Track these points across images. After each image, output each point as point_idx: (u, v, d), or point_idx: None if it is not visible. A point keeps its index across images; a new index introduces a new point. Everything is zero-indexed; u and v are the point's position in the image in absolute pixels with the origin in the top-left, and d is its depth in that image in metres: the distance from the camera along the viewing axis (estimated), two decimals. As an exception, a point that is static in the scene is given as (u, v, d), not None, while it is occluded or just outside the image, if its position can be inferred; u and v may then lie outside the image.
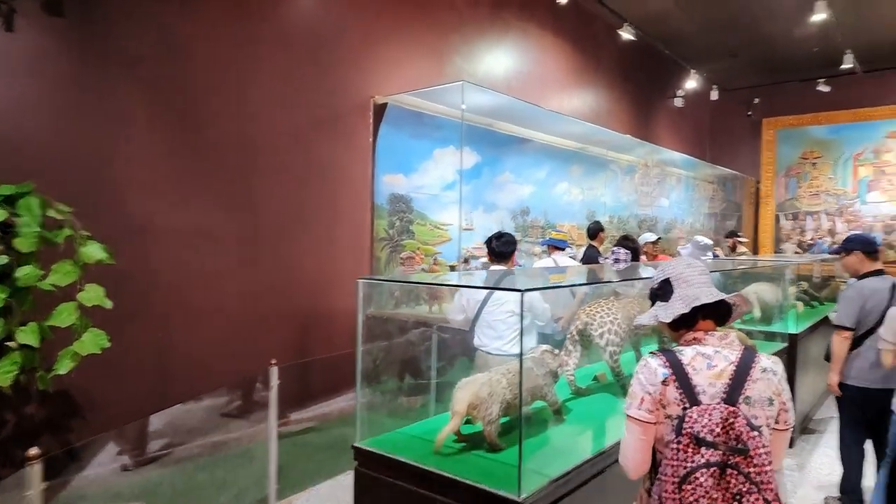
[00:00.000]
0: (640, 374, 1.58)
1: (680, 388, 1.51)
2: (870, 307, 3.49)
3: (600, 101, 7.98)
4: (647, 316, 1.74)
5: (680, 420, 1.47)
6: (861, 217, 10.28)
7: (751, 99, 10.88)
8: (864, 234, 3.75)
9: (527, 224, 6.40)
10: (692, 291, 1.63)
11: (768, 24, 8.11)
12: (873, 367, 3.40)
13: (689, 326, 1.63)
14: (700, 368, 1.53)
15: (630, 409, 1.57)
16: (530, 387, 2.27)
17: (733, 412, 1.45)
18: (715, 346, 1.58)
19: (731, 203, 10.98)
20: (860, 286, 3.60)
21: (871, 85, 9.96)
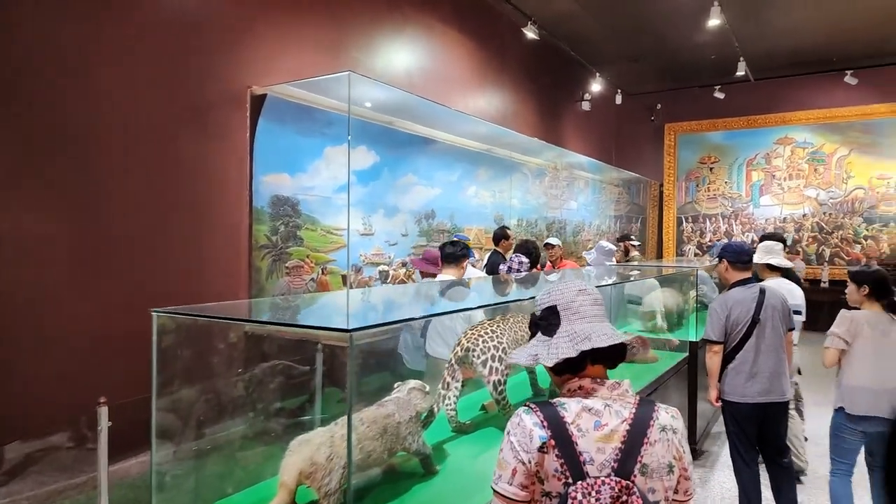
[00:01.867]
0: (511, 437, 1.23)
1: (561, 458, 1.18)
2: (734, 318, 3.35)
3: (507, 103, 7.80)
4: (524, 355, 1.35)
5: (562, 500, 1.16)
6: (754, 219, 10.81)
7: (654, 104, 11.18)
8: (735, 244, 3.57)
9: (432, 228, 6.08)
10: (582, 328, 1.30)
11: (669, 31, 8.25)
12: (749, 381, 3.30)
13: (575, 371, 1.30)
14: (587, 429, 1.21)
15: (499, 484, 1.21)
16: (389, 437, 1.91)
17: (627, 488, 1.16)
18: (605, 397, 1.26)
19: (635, 206, 11.23)
20: (724, 298, 3.46)
21: (763, 93, 10.47)
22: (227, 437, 2.56)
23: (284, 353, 3.35)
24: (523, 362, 1.36)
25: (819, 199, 10.33)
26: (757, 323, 3.32)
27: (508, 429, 1.25)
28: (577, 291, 1.36)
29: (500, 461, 1.23)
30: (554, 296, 1.37)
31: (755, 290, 3.40)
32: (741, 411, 3.35)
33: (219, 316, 1.95)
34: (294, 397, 3.09)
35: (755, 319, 3.32)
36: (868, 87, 9.67)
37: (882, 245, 9.87)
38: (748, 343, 3.32)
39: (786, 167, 10.56)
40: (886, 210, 9.85)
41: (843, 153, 10.15)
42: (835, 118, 10.11)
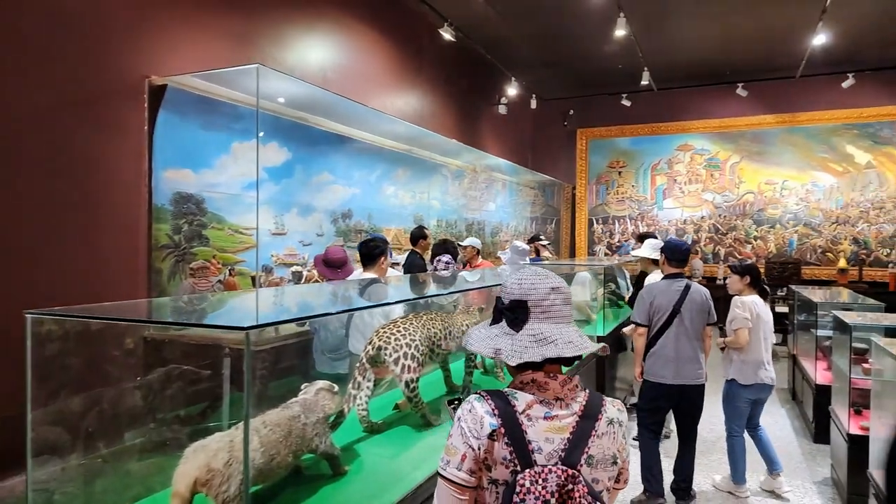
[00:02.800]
0: (462, 423, 1.22)
1: (510, 446, 1.18)
2: (657, 306, 3.75)
3: (425, 104, 7.81)
4: (484, 345, 1.31)
5: (509, 489, 1.16)
6: (658, 221, 11.44)
7: (567, 110, 11.59)
8: (674, 242, 4.03)
9: (349, 228, 5.96)
10: (549, 329, 1.28)
11: (580, 40, 8.58)
12: (666, 365, 3.70)
13: (532, 366, 1.28)
14: (536, 418, 1.22)
15: (447, 469, 1.20)
16: (294, 440, 1.83)
17: (573, 476, 1.17)
18: (557, 392, 1.26)
19: (550, 208, 11.58)
20: (651, 287, 3.92)
21: (665, 102, 11.13)
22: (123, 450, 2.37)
23: (188, 357, 3.15)
24: (485, 353, 1.31)
25: (715, 203, 11.09)
26: (677, 314, 3.71)
27: (459, 415, 1.24)
28: (550, 288, 1.32)
29: (449, 447, 1.22)
30: (525, 289, 1.31)
31: (680, 285, 3.78)
32: (658, 391, 3.75)
33: (98, 316, 1.79)
34: (196, 404, 2.91)
35: (676, 310, 3.71)
36: (757, 100, 10.51)
37: (769, 244, 10.73)
38: (668, 331, 3.72)
39: (686, 172, 11.26)
40: (773, 213, 10.72)
41: (735, 160, 10.96)
42: (728, 127, 10.90)
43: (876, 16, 7.66)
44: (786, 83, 10.32)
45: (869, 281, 9.76)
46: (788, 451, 4.71)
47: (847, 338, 3.86)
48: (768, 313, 3.93)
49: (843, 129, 10.22)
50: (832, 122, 10.25)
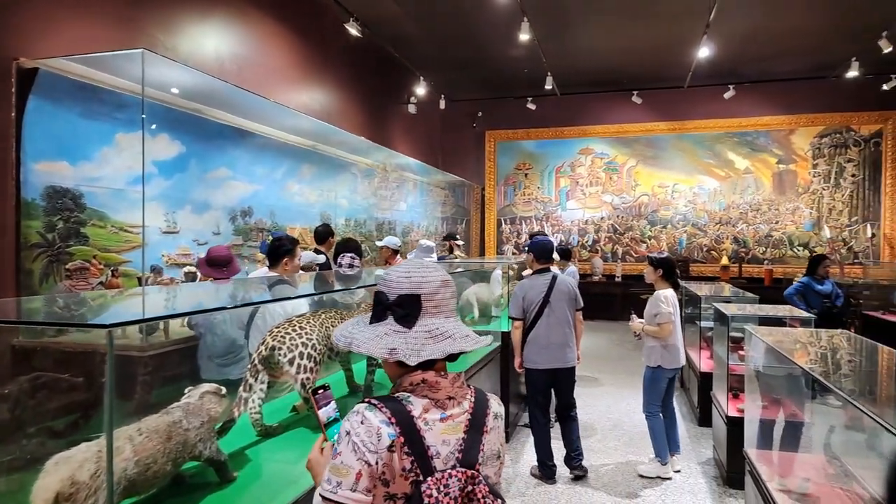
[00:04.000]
0: (354, 437, 1.10)
1: (411, 455, 1.10)
2: (529, 299, 4.08)
3: (332, 100, 7.65)
4: (374, 344, 1.19)
5: (410, 500, 1.09)
6: (562, 221, 11.91)
7: (475, 111, 11.79)
8: (539, 240, 4.33)
9: (249, 226, 5.71)
10: (442, 324, 1.21)
11: (487, 43, 8.75)
12: (541, 351, 4.04)
13: (420, 365, 1.19)
14: (433, 422, 1.15)
15: (339, 491, 1.07)
16: (174, 446, 1.71)
17: (472, 477, 1.13)
18: (448, 391, 1.19)
19: (460, 208, 11.73)
20: (523, 283, 4.18)
21: (568, 107, 11.59)
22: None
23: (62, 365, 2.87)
24: (378, 354, 1.19)
25: (613, 204, 11.70)
26: (547, 304, 4.05)
27: (347, 429, 1.12)
28: (441, 282, 1.25)
29: (338, 467, 1.09)
30: (415, 282, 1.22)
31: (548, 278, 4.12)
32: (538, 376, 4.09)
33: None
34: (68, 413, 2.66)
35: (546, 301, 4.05)
36: (651, 107, 11.20)
37: (662, 243, 11.46)
38: (540, 320, 4.05)
39: (587, 175, 11.80)
40: (665, 214, 11.47)
41: (631, 164, 11.61)
42: (625, 133, 11.53)
43: (753, 33, 8.39)
44: (675, 92, 11.06)
45: (748, 277, 10.66)
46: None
47: (726, 328, 4.19)
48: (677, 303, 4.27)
49: (726, 137, 11.12)
50: (716, 130, 11.12)
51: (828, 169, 10.72)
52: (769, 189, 11.01)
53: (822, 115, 10.63)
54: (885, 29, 7.41)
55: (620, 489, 4.02)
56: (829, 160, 10.70)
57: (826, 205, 10.75)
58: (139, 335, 3.13)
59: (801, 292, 5.93)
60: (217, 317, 2.87)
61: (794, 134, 10.82)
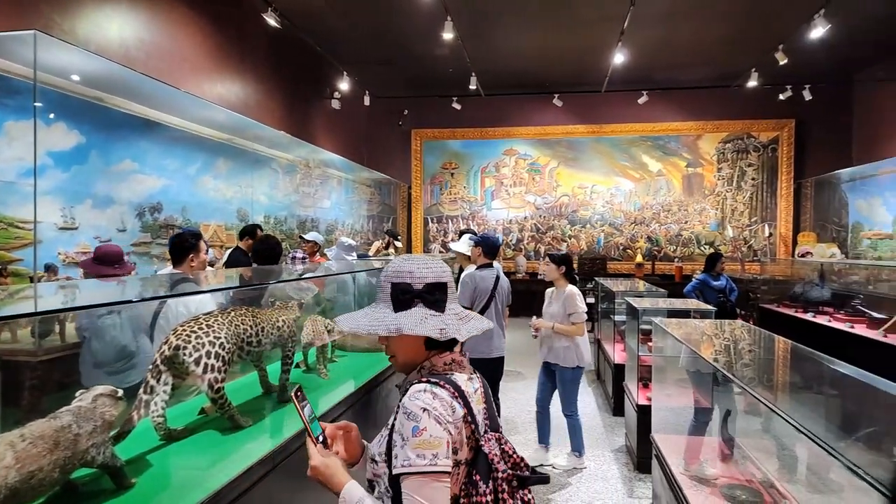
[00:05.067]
0: (434, 412, 1.19)
1: (471, 423, 1.24)
2: (479, 290, 4.19)
3: (250, 92, 7.40)
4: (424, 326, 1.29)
5: (483, 462, 1.21)
6: (487, 221, 12.09)
7: (401, 109, 11.75)
8: (490, 237, 4.45)
9: (158, 223, 5.41)
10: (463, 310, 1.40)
11: (412, 40, 8.74)
12: (488, 341, 4.14)
13: (447, 347, 1.35)
14: (471, 395, 1.29)
15: (439, 462, 1.16)
16: (62, 453, 1.58)
17: (500, 438, 1.28)
18: (469, 367, 1.37)
19: (387, 206, 11.66)
20: (472, 274, 4.26)
21: (493, 108, 11.78)
22: None
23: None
24: (431, 334, 1.28)
25: (536, 204, 12.01)
26: (494, 297, 4.18)
27: (423, 406, 1.20)
28: (450, 272, 1.38)
29: (429, 441, 1.17)
30: (437, 272, 1.36)
31: (494, 272, 4.26)
32: (483, 366, 4.09)
33: None
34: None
35: (493, 294, 4.18)
36: (571, 110, 11.58)
37: (581, 242, 11.88)
38: (488, 311, 4.16)
39: (511, 175, 12.04)
40: (584, 214, 11.90)
41: (553, 165, 11.96)
42: (547, 135, 11.87)
43: (664, 43, 8.85)
44: (594, 97, 11.50)
45: (660, 274, 11.25)
46: (592, 425, 5.23)
47: (636, 321, 4.39)
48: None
49: (640, 141, 11.67)
50: (631, 134, 11.65)
51: (731, 172, 11.47)
52: (679, 191, 11.66)
53: (725, 121, 11.37)
54: (781, 42, 8.02)
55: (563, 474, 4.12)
56: (732, 164, 11.47)
57: (729, 206, 11.51)
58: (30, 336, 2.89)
59: (698, 288, 6.31)
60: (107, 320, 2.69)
61: (702, 139, 11.51)
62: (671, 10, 7.64)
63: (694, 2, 7.42)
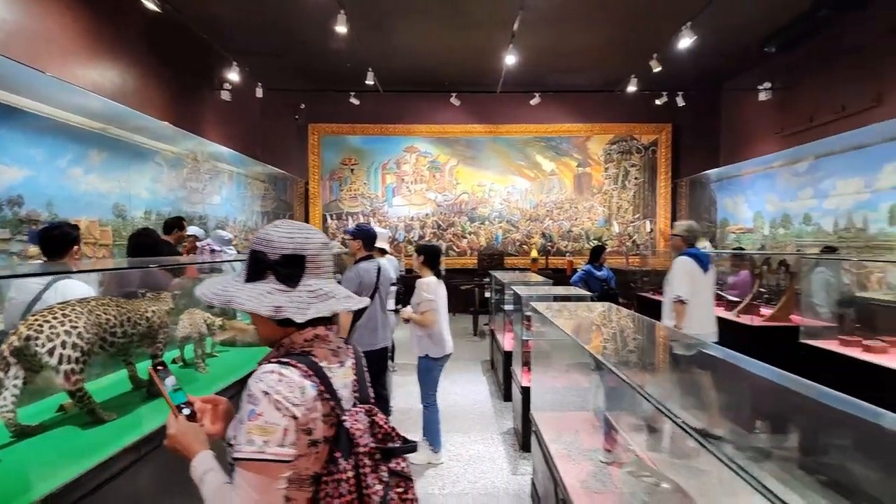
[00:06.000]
0: (275, 395, 1.13)
1: (330, 400, 1.20)
2: (365, 283, 4.17)
3: (128, 79, 6.95)
4: (259, 302, 1.21)
5: (345, 438, 1.19)
6: (388, 217, 12.12)
7: (297, 103, 11.49)
8: (368, 230, 4.30)
9: (19, 218, 4.96)
10: (325, 285, 1.29)
11: (306, 32, 8.59)
12: (374, 332, 4.17)
13: (309, 322, 1.28)
14: (334, 370, 1.26)
15: (268, 449, 1.10)
16: None
17: (370, 409, 1.28)
18: (336, 341, 1.33)
19: (282, 202, 11.35)
20: (357, 268, 4.24)
21: (392, 104, 11.81)
22: None
23: None
24: (263, 312, 1.21)
25: (437, 201, 12.20)
26: (378, 288, 4.18)
27: (265, 389, 1.14)
28: (322, 244, 1.31)
29: (262, 426, 1.11)
30: (299, 242, 1.27)
31: (375, 264, 4.25)
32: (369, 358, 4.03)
33: None
34: None
35: (377, 285, 4.18)
36: (469, 110, 11.86)
37: (481, 239, 12.21)
38: (374, 303, 4.15)
39: (412, 172, 12.15)
40: (483, 211, 12.24)
41: (453, 163, 12.21)
42: (447, 133, 12.09)
43: (554, 47, 9.31)
44: (490, 97, 11.84)
45: (553, 268, 11.80)
46: (483, 411, 5.43)
47: (521, 307, 4.61)
48: (444, 290, 4.44)
49: (534, 141, 12.18)
50: (525, 135, 12.13)
51: (616, 172, 12.26)
52: (570, 189, 12.29)
53: (611, 124, 12.14)
54: (655, 51, 8.68)
55: (427, 466, 4.24)
56: (618, 165, 12.26)
57: (615, 204, 12.29)
58: None
59: (584, 278, 6.74)
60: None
61: (590, 140, 12.21)
62: (557, 16, 8.05)
63: (576, 9, 7.87)
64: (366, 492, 1.16)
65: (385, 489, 1.20)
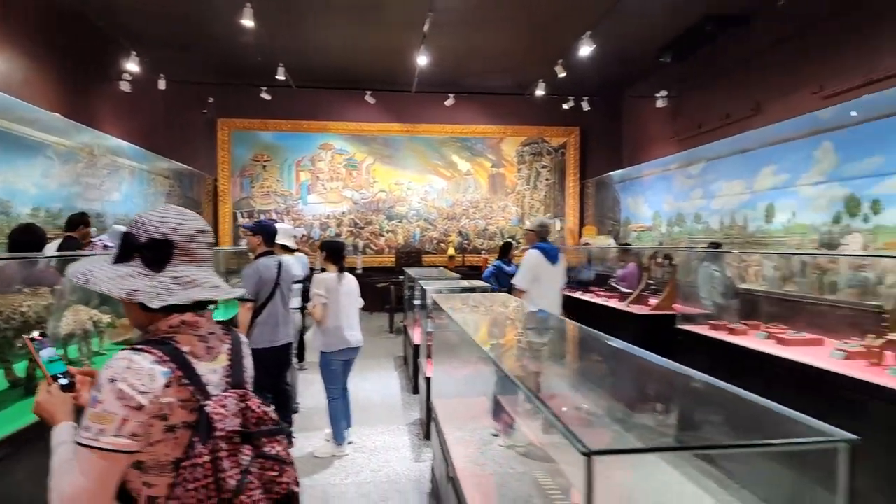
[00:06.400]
0: (120, 383, 1.12)
1: (189, 385, 1.19)
2: (265, 279, 4.14)
3: (12, 67, 6.49)
4: (115, 285, 1.21)
5: (204, 423, 1.17)
6: (303, 215, 11.95)
7: (205, 96, 11.08)
8: (269, 225, 4.28)
9: None
10: (195, 274, 1.28)
11: (214, 24, 8.34)
12: (275, 329, 4.13)
13: (177, 309, 1.26)
14: (201, 355, 1.26)
15: (102, 438, 1.10)
16: None
17: (244, 395, 1.28)
18: (207, 327, 1.32)
19: (189, 199, 10.92)
20: (257, 264, 4.20)
21: (306, 100, 11.65)
22: None
23: None
24: (116, 295, 1.20)
25: (354, 200, 12.16)
26: (279, 285, 4.17)
27: (110, 377, 1.13)
28: (197, 231, 1.29)
29: (100, 415, 1.10)
30: (171, 227, 1.26)
31: (276, 260, 4.24)
32: (269, 355, 4.09)
33: None
34: None
35: (278, 282, 4.17)
36: (385, 108, 11.90)
37: (399, 237, 12.30)
38: (274, 300, 4.13)
39: (328, 170, 12.04)
40: (401, 209, 12.32)
41: (370, 161, 12.21)
42: (363, 131, 12.07)
43: (466, 50, 9.54)
44: (406, 96, 11.92)
45: (470, 265, 12.06)
46: (392, 403, 5.53)
47: (425, 301, 4.74)
48: (349, 285, 4.46)
49: (450, 141, 12.41)
50: (442, 135, 12.33)
51: (528, 173, 12.72)
52: (486, 189, 12.62)
53: (523, 127, 12.57)
54: (560, 58, 9.10)
55: (332, 458, 4.28)
56: (530, 166, 12.71)
57: (528, 203, 12.74)
58: None
59: (494, 274, 6.97)
60: None
61: (503, 142, 12.59)
62: (466, 20, 8.27)
63: (485, 14, 8.12)
64: (221, 476, 1.15)
65: (243, 473, 1.18)
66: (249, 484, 1.17)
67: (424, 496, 3.63)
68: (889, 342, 3.12)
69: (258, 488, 1.19)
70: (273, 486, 1.24)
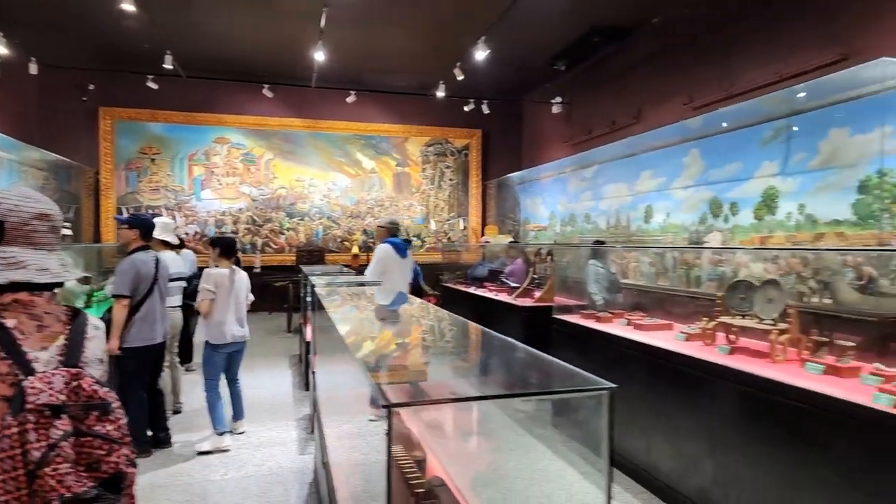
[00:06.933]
0: None
1: (8, 359, 1.22)
2: (143, 275, 4.06)
3: None
4: None
5: (18, 396, 1.18)
6: (197, 212, 11.43)
7: (85, 83, 10.31)
8: (146, 219, 4.16)
9: None
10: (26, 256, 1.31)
11: (93, 6, 7.80)
12: (150, 327, 4.06)
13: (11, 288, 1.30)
14: (30, 332, 1.29)
15: None
16: None
17: (77, 374, 1.28)
18: (44, 307, 1.34)
19: (66, 193, 10.12)
20: (132, 259, 4.04)
21: (200, 92, 11.15)
22: None
23: None
24: None
25: (252, 196, 11.79)
26: (156, 281, 4.10)
27: None
28: (35, 214, 1.33)
29: None
30: (6, 208, 1.30)
31: (153, 255, 4.15)
32: (147, 353, 4.08)
33: None
34: None
35: (155, 278, 4.09)
36: (284, 103, 11.65)
37: (300, 235, 12.07)
38: (152, 296, 4.06)
39: (224, 165, 11.60)
40: (302, 207, 12.10)
41: (269, 157, 11.89)
42: (262, 126, 11.73)
43: (365, 47, 9.53)
44: (306, 91, 11.71)
45: (373, 263, 12.05)
46: (283, 401, 5.46)
47: (314, 295, 4.72)
48: (241, 281, 4.47)
49: (354, 139, 12.34)
50: (345, 132, 12.24)
51: (433, 173, 12.91)
52: (391, 187, 12.67)
53: (427, 127, 12.74)
54: (458, 60, 9.33)
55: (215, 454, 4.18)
56: (434, 166, 12.91)
57: (432, 202, 12.93)
58: None
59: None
60: None
61: (408, 141, 12.70)
62: (363, 17, 8.27)
63: (382, 11, 8.17)
64: (26, 447, 1.17)
65: (50, 447, 1.20)
66: (55, 458, 1.18)
67: (306, 485, 3.64)
68: (720, 324, 3.52)
69: (66, 462, 1.19)
70: (100, 464, 1.24)
